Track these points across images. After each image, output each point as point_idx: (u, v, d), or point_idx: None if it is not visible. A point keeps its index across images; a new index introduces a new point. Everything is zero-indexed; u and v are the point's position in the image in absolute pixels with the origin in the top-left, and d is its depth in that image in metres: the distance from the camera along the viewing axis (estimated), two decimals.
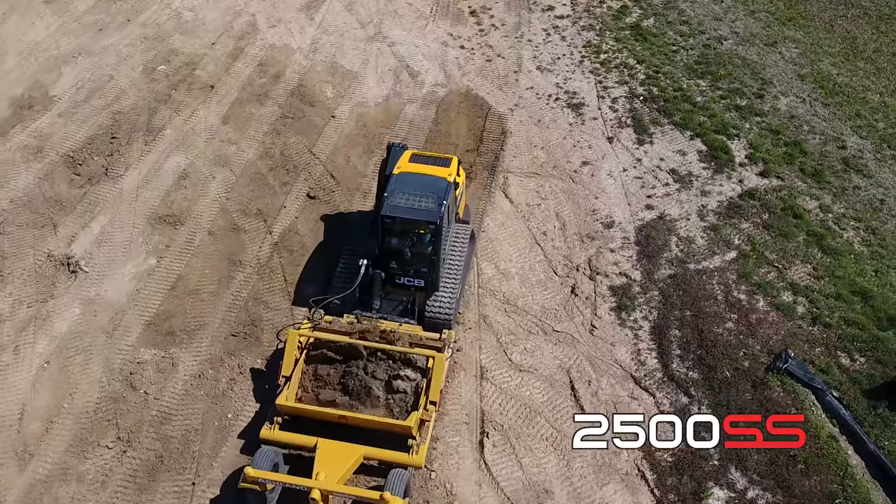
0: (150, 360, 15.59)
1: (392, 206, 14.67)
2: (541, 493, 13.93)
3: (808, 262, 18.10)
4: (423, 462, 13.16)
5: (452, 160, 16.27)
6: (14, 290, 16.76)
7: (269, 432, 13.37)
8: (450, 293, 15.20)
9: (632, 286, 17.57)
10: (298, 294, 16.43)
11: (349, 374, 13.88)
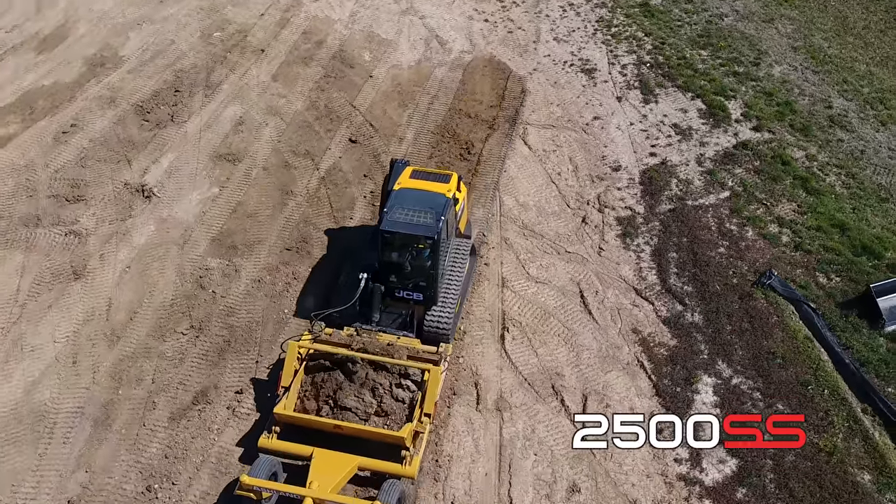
0: (216, 267, 17.79)
1: (391, 222, 14.66)
2: (553, 375, 15.99)
3: (793, 201, 20.08)
4: (416, 473, 13.11)
5: (452, 176, 16.17)
6: (97, 211, 19.03)
7: (268, 441, 13.44)
8: (448, 307, 15.20)
9: (635, 217, 19.63)
10: (300, 306, 16.75)
11: (346, 385, 13.95)
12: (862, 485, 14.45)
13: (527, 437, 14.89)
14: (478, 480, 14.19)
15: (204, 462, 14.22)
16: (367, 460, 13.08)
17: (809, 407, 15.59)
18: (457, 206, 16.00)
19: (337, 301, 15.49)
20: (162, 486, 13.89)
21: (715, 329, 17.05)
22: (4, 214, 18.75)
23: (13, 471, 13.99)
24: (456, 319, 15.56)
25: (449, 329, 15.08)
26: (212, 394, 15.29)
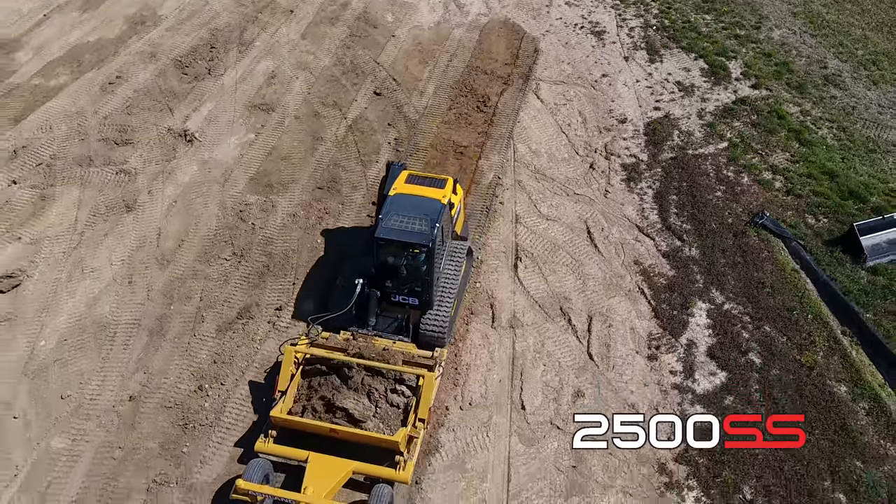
0: (254, 202, 19.39)
1: (386, 229, 14.59)
2: (561, 299, 17.56)
3: (786, 151, 21.51)
4: (409, 478, 13.19)
5: (447, 181, 16.02)
6: (143, 153, 20.63)
7: (264, 445, 13.48)
8: (444, 311, 15.23)
9: (639, 164, 21.11)
10: (298, 309, 16.77)
11: (341, 389, 14.03)
12: (838, 394, 15.94)
13: (537, 350, 16.45)
14: (493, 386, 15.78)
15: (248, 367, 15.86)
16: (362, 465, 13.05)
17: (793, 328, 17.07)
18: (452, 210, 15.90)
19: (334, 305, 15.46)
20: (212, 386, 15.53)
21: (710, 262, 18.50)
22: (59, 155, 20.33)
23: (80, 371, 15.67)
24: (452, 323, 15.50)
25: (445, 333, 15.10)
26: (254, 310, 16.91)
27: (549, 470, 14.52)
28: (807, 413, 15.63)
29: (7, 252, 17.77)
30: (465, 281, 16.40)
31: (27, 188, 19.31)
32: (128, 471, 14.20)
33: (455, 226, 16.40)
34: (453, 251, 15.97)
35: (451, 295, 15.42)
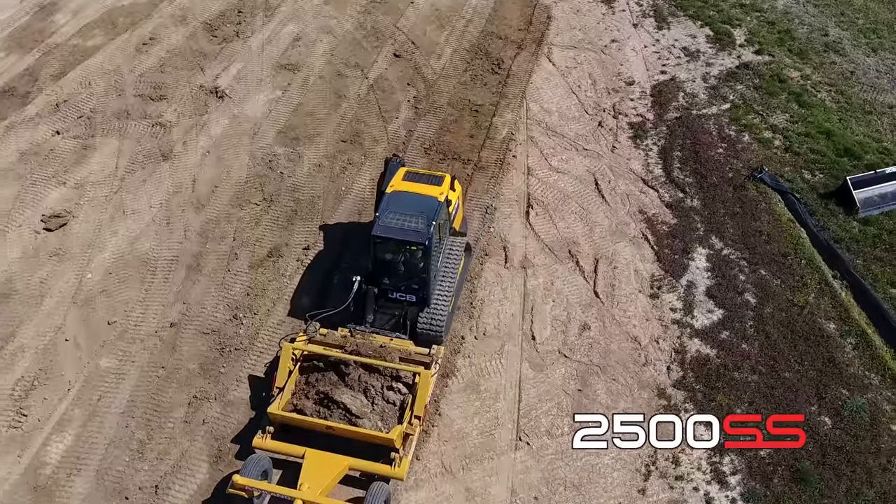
0: (282, 153, 20.57)
1: (383, 227, 14.62)
2: (570, 243, 18.69)
3: (786, 112, 22.50)
4: (405, 475, 13.28)
5: (445, 178, 16.06)
6: (177, 107, 21.82)
7: (261, 441, 13.55)
8: (441, 308, 15.24)
9: (645, 123, 22.17)
10: (295, 305, 16.79)
11: (339, 386, 14.05)
12: (827, 331, 17.05)
13: (546, 288, 17.62)
14: (505, 318, 16.97)
15: (279, 299, 17.10)
16: (358, 461, 13.17)
17: (787, 272, 18.16)
18: (450, 206, 15.93)
19: (331, 301, 15.60)
20: (245, 316, 16.78)
21: (710, 212, 19.58)
22: (99, 109, 21.56)
23: (124, 301, 16.95)
24: (449, 319, 15.58)
25: (442, 330, 15.15)
26: (283, 249, 18.14)
27: (556, 392, 15.71)
28: (796, 347, 16.67)
29: (53, 195, 19.03)
30: (463, 277, 16.38)
31: (70, 138, 20.54)
32: (170, 387, 15.46)
33: (453, 222, 16.40)
34: (451, 248, 15.97)
35: (449, 292, 15.40)
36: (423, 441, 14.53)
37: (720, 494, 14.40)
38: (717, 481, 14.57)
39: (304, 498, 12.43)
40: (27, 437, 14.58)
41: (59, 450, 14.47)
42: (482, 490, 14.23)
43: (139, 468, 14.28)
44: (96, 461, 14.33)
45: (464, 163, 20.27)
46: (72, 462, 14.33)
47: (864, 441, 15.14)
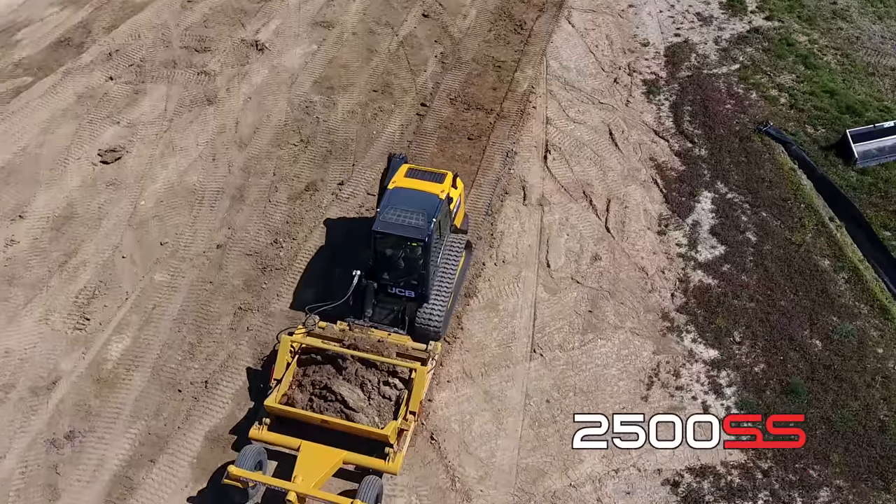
0: (318, 100, 21.92)
1: (383, 223, 14.66)
2: (584, 185, 19.94)
3: (793, 73, 23.57)
4: (398, 469, 13.29)
5: (447, 175, 16.03)
6: (221, 58, 23.22)
7: (258, 432, 13.59)
8: (440, 304, 15.22)
9: (659, 80, 23.32)
10: (296, 298, 16.81)
11: (335, 380, 14.08)
12: (822, 266, 18.23)
13: (562, 223, 18.91)
14: (523, 248, 18.28)
15: (315, 226, 18.50)
16: (352, 455, 13.19)
17: (787, 214, 19.32)
18: (451, 204, 15.91)
19: (332, 295, 15.45)
20: (285, 240, 18.20)
21: (717, 160, 20.74)
22: (148, 59, 23.00)
23: (175, 225, 18.41)
24: (448, 316, 15.58)
25: (440, 326, 15.13)
26: (319, 184, 19.52)
27: (568, 313, 17.03)
28: (792, 279, 17.88)
29: (108, 133, 20.52)
30: (463, 274, 16.43)
31: (122, 83, 22.01)
32: (217, 300, 16.92)
33: (454, 219, 16.41)
34: (451, 245, 15.99)
35: (448, 288, 15.39)
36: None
37: (716, 403, 15.64)
38: (713, 392, 15.80)
39: (297, 490, 12.43)
40: (90, 338, 16.09)
41: (118, 349, 15.95)
42: (499, 393, 15.58)
43: (190, 366, 15.74)
44: (152, 359, 15.81)
45: (486, 112, 21.55)
46: (130, 360, 15.80)
47: (851, 361, 16.33)
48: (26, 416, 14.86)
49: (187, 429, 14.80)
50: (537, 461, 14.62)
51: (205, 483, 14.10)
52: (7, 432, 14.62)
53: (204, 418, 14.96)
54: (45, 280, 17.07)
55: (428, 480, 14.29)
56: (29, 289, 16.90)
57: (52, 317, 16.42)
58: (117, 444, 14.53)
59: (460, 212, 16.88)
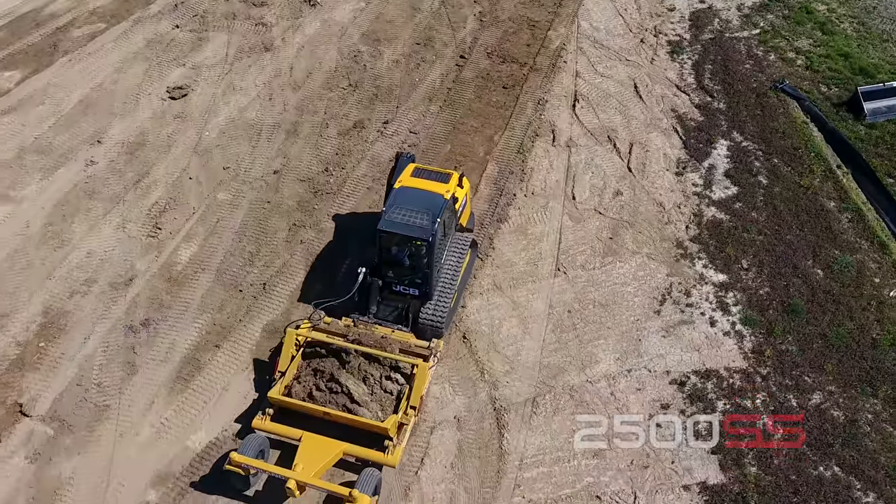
0: (365, 50, 23.55)
1: (388, 221, 14.66)
2: (609, 131, 21.32)
3: (810, 38, 24.75)
4: (397, 463, 13.35)
5: (452, 175, 16.01)
6: (276, 11, 24.91)
7: (261, 422, 13.71)
8: (444, 302, 15.28)
9: (682, 41, 24.64)
10: (304, 294, 16.90)
11: (339, 374, 14.12)
12: (827, 207, 19.50)
13: (587, 163, 20.36)
14: (551, 183, 19.77)
15: (362, 158, 20.14)
16: (352, 447, 13.29)
17: (797, 161, 20.60)
18: (457, 203, 15.95)
19: (338, 291, 15.83)
20: (335, 169, 19.85)
21: (734, 113, 22.03)
22: (210, 11, 24.75)
23: (235, 153, 20.14)
24: (451, 314, 15.67)
25: (443, 324, 15.22)
26: (366, 122, 21.15)
27: (590, 239, 18.51)
28: (798, 217, 19.20)
29: (175, 73, 22.31)
30: (468, 273, 16.57)
31: (187, 31, 23.80)
32: (274, 217, 18.64)
33: (460, 218, 16.47)
34: (456, 244, 16.01)
35: (452, 287, 15.48)
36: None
37: (723, 318, 17.06)
38: (720, 309, 17.23)
39: (297, 478, 12.57)
40: (162, 244, 17.90)
41: (186, 254, 17.73)
42: (525, 303, 17.13)
43: (250, 271, 17.48)
44: (216, 263, 17.56)
45: (520, 65, 23.04)
46: (197, 263, 17.57)
47: (849, 288, 17.63)
48: (107, 306, 16.64)
49: (247, 322, 16.49)
50: (558, 360, 16.13)
51: (262, 368, 15.71)
52: (90, 318, 16.40)
53: (262, 314, 16.65)
54: (122, 195, 18.85)
55: (460, 372, 15.86)
56: (107, 202, 18.70)
57: (128, 225, 18.19)
58: (186, 332, 16.25)
59: (466, 210, 16.85)
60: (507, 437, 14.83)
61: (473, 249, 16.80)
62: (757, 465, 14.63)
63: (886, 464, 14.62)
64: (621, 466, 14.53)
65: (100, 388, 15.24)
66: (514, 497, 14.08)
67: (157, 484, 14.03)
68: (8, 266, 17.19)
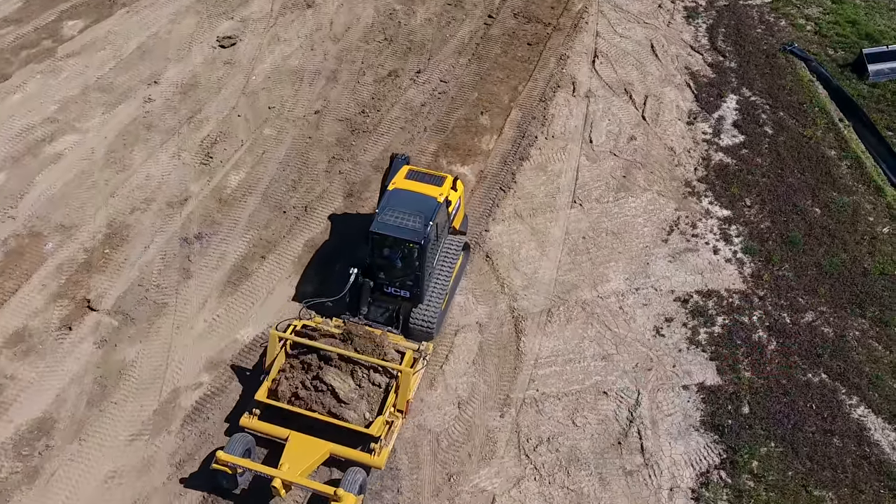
0: (399, 9, 24.93)
1: (381, 224, 14.50)
2: (626, 84, 22.52)
3: (820, 6, 25.83)
4: (383, 464, 13.14)
5: (446, 179, 15.77)
6: None
7: (248, 421, 13.46)
8: (434, 305, 15.10)
9: (698, 7, 25.82)
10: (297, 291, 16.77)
11: (324, 373, 13.74)
12: (828, 155, 20.68)
13: (604, 111, 21.68)
14: (570, 128, 21.10)
15: (396, 103, 21.56)
16: (339, 447, 13.12)
17: (802, 115, 21.77)
18: (450, 206, 15.80)
19: (330, 291, 15.56)
20: (370, 111, 21.28)
21: (744, 70, 23.22)
22: None
23: (279, 96, 21.65)
24: (442, 317, 15.55)
25: (433, 327, 15.10)
26: (400, 72, 22.59)
27: (605, 176, 19.85)
28: (800, 163, 20.41)
29: (224, 25, 23.88)
30: (459, 276, 16.41)
31: None
32: (315, 150, 20.14)
33: (453, 221, 16.32)
34: (448, 247, 15.85)
35: (443, 290, 15.30)
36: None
37: (725, 247, 18.35)
38: (723, 239, 18.52)
39: (282, 477, 12.43)
40: (213, 170, 19.47)
41: (235, 180, 19.30)
42: (543, 230, 18.52)
43: (293, 196, 19.00)
44: (262, 188, 19.11)
45: (544, 25, 24.39)
46: (245, 188, 19.13)
47: (845, 224, 18.83)
48: (164, 220, 18.25)
49: (290, 238, 18.03)
50: (572, 278, 17.51)
51: (300, 278, 17.26)
52: (150, 231, 18.02)
53: (304, 232, 18.18)
54: (176, 128, 20.47)
55: (482, 285, 17.29)
56: (164, 133, 20.32)
57: (182, 154, 19.80)
58: (235, 244, 17.82)
59: (460, 213, 16.78)
60: (524, 340, 16.21)
61: (466, 252, 16.64)
62: (751, 370, 15.84)
63: (870, 373, 15.82)
64: (627, 368, 15.84)
65: (158, 289, 16.80)
66: (528, 390, 15.42)
67: (210, 369, 15.51)
68: (76, 185, 18.83)
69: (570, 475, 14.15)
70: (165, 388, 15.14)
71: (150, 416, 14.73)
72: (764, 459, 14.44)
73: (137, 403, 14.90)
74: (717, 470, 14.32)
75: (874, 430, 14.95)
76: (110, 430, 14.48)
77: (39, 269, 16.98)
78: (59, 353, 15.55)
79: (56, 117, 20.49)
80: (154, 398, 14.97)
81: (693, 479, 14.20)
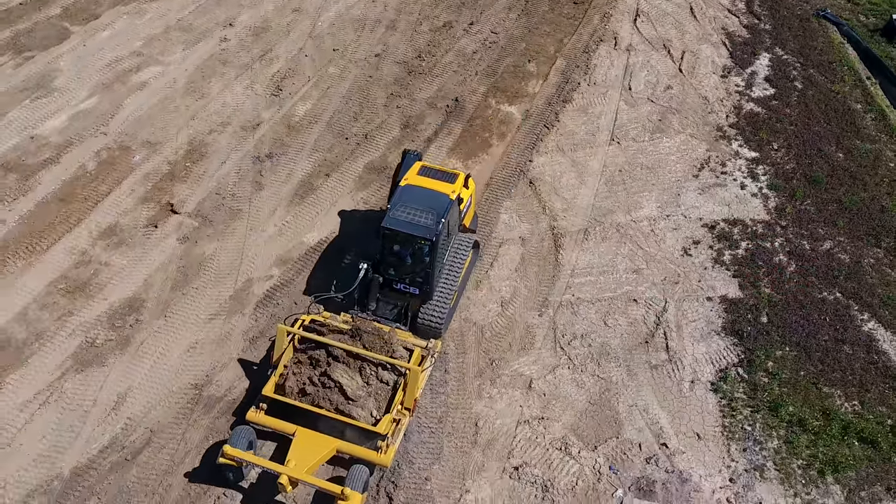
0: None
1: (393, 220, 14.18)
2: (665, 40, 23.81)
3: None
4: (389, 462, 12.79)
5: (459, 176, 15.43)
6: None
7: (255, 416, 13.16)
8: (443, 303, 14.76)
9: None
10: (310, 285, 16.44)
11: (331, 369, 13.36)
12: (854, 108, 21.71)
13: (644, 63, 22.91)
14: (611, 77, 22.39)
15: (450, 49, 22.96)
16: (345, 444, 12.82)
17: (830, 72, 22.82)
18: (462, 204, 15.51)
19: (339, 285, 15.03)
20: (426, 56, 22.73)
21: (778, 32, 24.29)
22: None
23: (343, 40, 23.22)
24: (450, 315, 15.21)
25: (441, 324, 14.71)
26: (454, 23, 24.01)
27: (642, 119, 21.11)
28: (827, 114, 21.47)
29: None
30: (468, 273, 16.13)
31: None
32: (374, 87, 21.68)
33: (464, 219, 16.06)
34: (459, 245, 15.52)
35: (453, 287, 15.01)
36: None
37: (752, 184, 19.53)
38: (750, 177, 19.72)
39: (289, 473, 12.22)
40: (282, 101, 21.11)
41: (302, 109, 20.92)
42: (583, 162, 19.87)
43: (354, 125, 20.57)
44: (326, 118, 20.70)
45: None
46: (311, 117, 20.74)
47: (866, 167, 19.89)
48: (239, 141, 19.94)
49: (352, 160, 19.60)
50: (608, 204, 18.85)
51: (363, 192, 18.76)
52: (226, 149, 19.71)
53: (364, 156, 19.74)
54: (250, 64, 22.16)
55: (525, 206, 18.71)
56: (238, 69, 22.03)
57: (255, 86, 21.49)
58: (302, 164, 19.44)
59: (470, 211, 16.49)
60: (562, 253, 17.60)
61: (475, 250, 16.40)
62: (771, 287, 17.05)
63: (882, 294, 16.94)
64: (655, 281, 17.14)
65: (234, 198, 18.49)
66: (565, 294, 16.82)
67: (279, 265, 17.14)
68: (160, 109, 20.61)
69: (600, 366, 15.47)
70: (240, 278, 16.75)
71: (226, 300, 16.34)
72: (779, 360, 15.61)
73: (216, 290, 16.53)
74: (735, 367, 15.52)
75: (883, 341, 16.06)
76: (192, 310, 16.11)
77: (129, 177, 18.71)
78: (147, 246, 17.25)
79: (141, 51, 22.28)
80: (230, 286, 16.59)
81: (712, 374, 15.41)
